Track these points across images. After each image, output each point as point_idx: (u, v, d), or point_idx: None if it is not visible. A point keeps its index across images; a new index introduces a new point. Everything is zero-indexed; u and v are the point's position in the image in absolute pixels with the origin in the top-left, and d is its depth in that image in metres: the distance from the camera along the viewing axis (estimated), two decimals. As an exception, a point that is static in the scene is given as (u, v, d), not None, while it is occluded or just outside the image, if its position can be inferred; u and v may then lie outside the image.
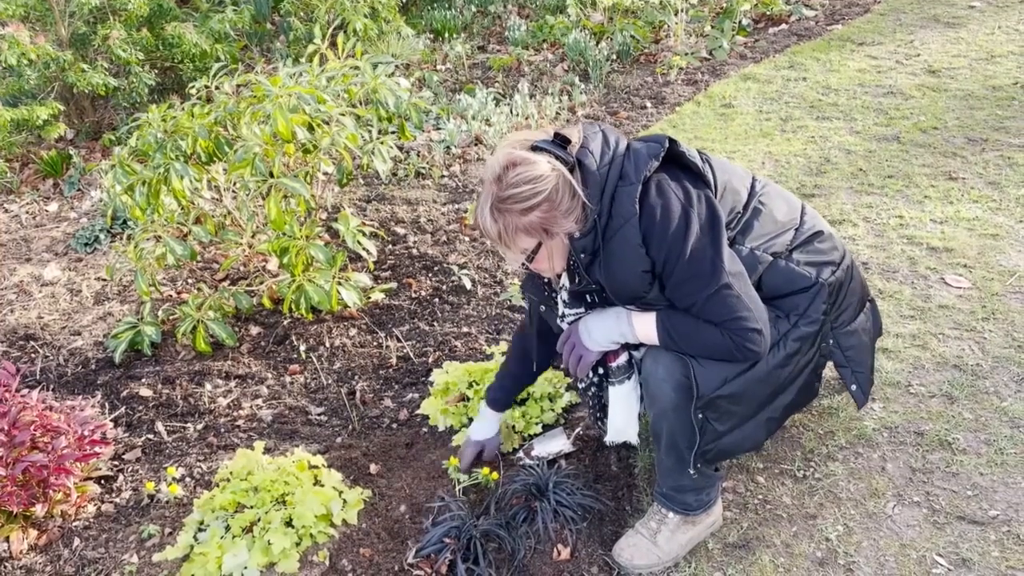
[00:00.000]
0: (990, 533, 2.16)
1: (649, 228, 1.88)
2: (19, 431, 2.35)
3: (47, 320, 3.57)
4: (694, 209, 1.90)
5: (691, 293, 1.90)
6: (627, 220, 1.88)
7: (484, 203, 1.89)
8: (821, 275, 2.08)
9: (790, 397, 2.12)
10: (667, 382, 1.98)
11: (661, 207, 1.88)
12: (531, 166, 1.85)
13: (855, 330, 2.21)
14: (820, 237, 2.14)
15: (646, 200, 1.89)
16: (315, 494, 2.29)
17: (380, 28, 5.95)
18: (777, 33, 6.43)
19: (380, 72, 3.34)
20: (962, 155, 4.21)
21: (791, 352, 2.04)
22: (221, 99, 3.18)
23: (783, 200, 2.16)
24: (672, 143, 1.95)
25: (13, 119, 4.69)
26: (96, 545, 2.37)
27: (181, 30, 5.18)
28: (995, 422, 2.51)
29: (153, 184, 3.04)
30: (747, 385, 1.99)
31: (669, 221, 1.87)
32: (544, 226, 1.88)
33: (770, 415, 2.11)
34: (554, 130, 1.94)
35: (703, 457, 2.07)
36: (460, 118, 5.20)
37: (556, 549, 2.21)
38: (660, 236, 1.88)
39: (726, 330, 1.90)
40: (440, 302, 3.46)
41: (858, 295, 2.23)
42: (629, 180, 1.89)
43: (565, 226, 1.89)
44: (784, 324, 2.04)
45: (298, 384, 3.05)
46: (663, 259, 1.89)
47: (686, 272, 1.88)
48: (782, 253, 2.08)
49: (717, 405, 1.99)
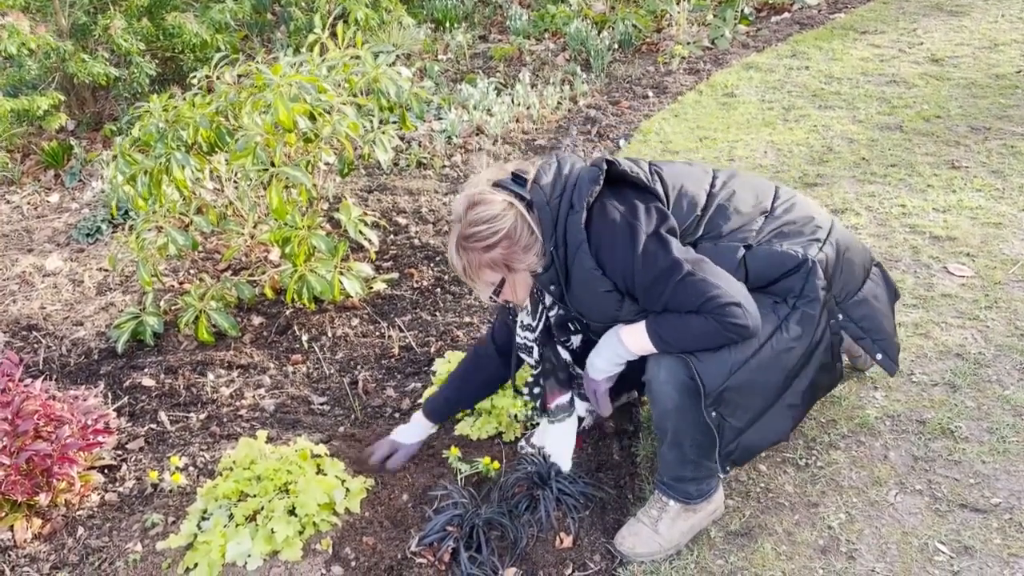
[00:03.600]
0: (992, 521, 2.16)
1: (599, 250, 1.97)
2: (22, 420, 2.35)
3: (50, 310, 3.58)
4: (639, 221, 1.96)
5: (659, 294, 1.95)
6: (578, 247, 1.98)
7: (451, 240, 2.04)
8: (809, 252, 2.06)
9: (807, 381, 2.10)
10: (669, 383, 2.00)
11: (606, 228, 1.97)
12: (489, 206, 1.97)
13: (864, 299, 2.20)
14: (797, 218, 2.14)
15: (591, 225, 1.98)
16: (318, 483, 2.30)
17: (381, 18, 5.92)
18: (780, 22, 6.41)
19: (381, 62, 3.33)
20: (965, 144, 4.19)
21: (795, 335, 2.03)
22: (222, 89, 3.17)
23: (751, 190, 2.17)
24: (610, 164, 2.03)
25: (14, 109, 4.69)
26: (100, 534, 2.38)
27: (182, 20, 5.16)
28: (997, 410, 2.51)
29: (155, 174, 3.04)
30: (754, 374, 1.99)
31: (614, 238, 1.96)
32: (506, 262, 2.00)
33: (790, 402, 2.09)
34: (513, 168, 2.05)
35: (729, 458, 2.07)
36: (461, 108, 5.19)
37: (558, 537, 2.22)
38: (609, 254, 1.97)
39: (706, 313, 1.93)
40: (442, 292, 3.46)
41: (859, 263, 2.22)
42: (575, 209, 1.98)
43: (526, 261, 2.01)
44: (783, 308, 2.04)
45: (300, 374, 3.06)
46: (621, 274, 1.98)
47: (645, 277, 1.95)
48: (758, 240, 2.08)
49: (727, 400, 1.98)
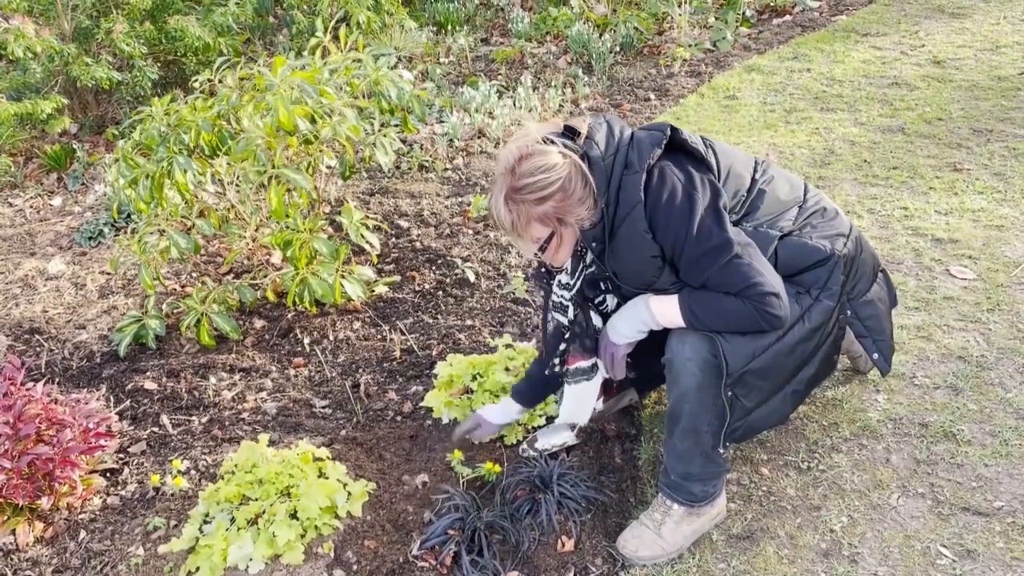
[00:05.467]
0: (995, 524, 2.16)
1: (654, 214, 1.93)
2: (24, 424, 2.35)
3: (52, 314, 3.58)
4: (697, 192, 1.94)
5: (704, 269, 1.94)
6: (633, 208, 1.94)
7: (498, 194, 1.95)
8: (835, 247, 2.11)
9: (812, 370, 2.15)
10: (692, 361, 2.01)
11: (665, 192, 1.93)
12: (544, 156, 1.91)
13: (871, 299, 2.25)
14: (826, 212, 2.19)
15: (650, 187, 1.94)
16: (320, 486, 2.30)
17: (383, 21, 5.93)
18: (781, 24, 6.40)
19: (382, 64, 3.33)
20: (967, 146, 4.19)
21: (815, 326, 2.06)
22: (224, 92, 3.17)
23: (786, 180, 2.20)
24: (674, 131, 2.00)
25: (17, 113, 4.70)
26: (102, 537, 2.38)
27: (184, 23, 5.17)
28: (1000, 413, 2.50)
29: (156, 178, 3.04)
30: (775, 359, 2.02)
31: (673, 205, 1.92)
32: (558, 215, 1.94)
33: (795, 388, 2.14)
34: (563, 122, 1.99)
35: (732, 436, 2.10)
36: (463, 111, 5.19)
37: (560, 541, 2.21)
38: (665, 220, 1.93)
39: (745, 298, 1.93)
40: (444, 295, 3.46)
41: (870, 265, 2.27)
42: (634, 169, 1.95)
43: (578, 214, 1.95)
44: (807, 299, 2.07)
45: (302, 377, 3.06)
46: (671, 242, 1.95)
47: (696, 250, 1.93)
48: (790, 229, 2.11)
49: (745, 381, 2.01)
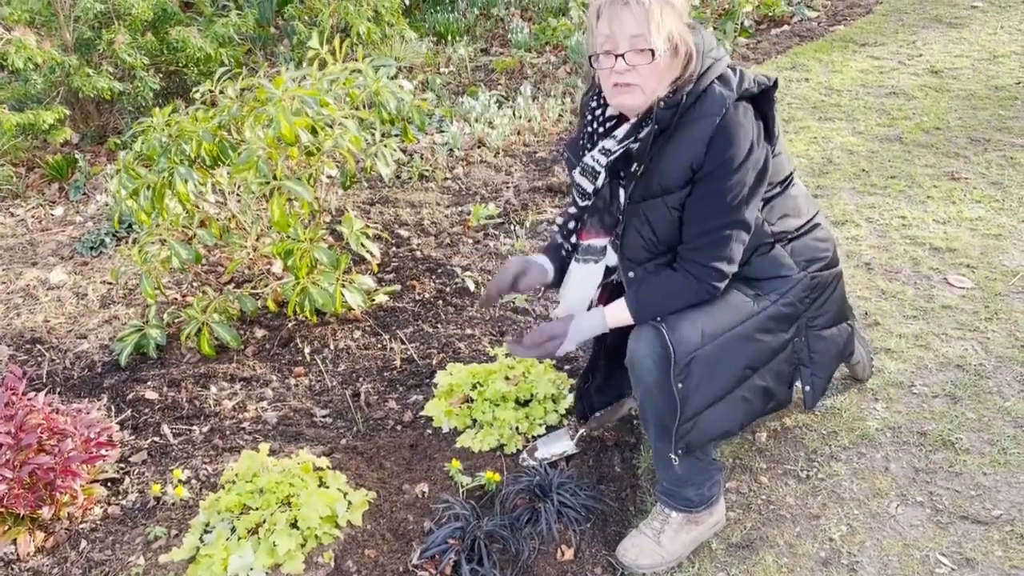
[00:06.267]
0: (993, 533, 2.16)
1: (719, 136, 1.91)
2: (26, 434, 2.36)
3: (53, 324, 3.59)
4: (759, 149, 1.95)
5: (708, 209, 1.95)
6: (707, 116, 1.91)
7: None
8: (808, 268, 2.13)
9: (764, 382, 2.12)
10: (648, 356, 2.01)
11: (739, 128, 1.92)
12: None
13: (827, 338, 2.23)
14: (822, 235, 2.20)
15: (729, 113, 1.92)
16: (320, 495, 2.30)
17: (383, 32, 5.97)
18: (779, 34, 6.44)
19: (382, 75, 3.35)
20: (965, 155, 4.21)
21: (768, 328, 2.08)
22: (225, 103, 3.19)
23: (804, 197, 2.23)
24: (774, 87, 1.99)
25: (19, 124, 4.72)
26: (103, 547, 2.38)
27: (186, 34, 5.20)
28: (998, 422, 2.51)
29: (158, 188, 3.06)
30: (721, 352, 2.02)
31: (737, 143, 1.91)
32: (683, 37, 1.91)
33: (745, 394, 2.10)
34: None
35: (684, 437, 2.06)
36: (463, 121, 5.21)
37: (560, 550, 2.22)
38: (723, 148, 1.91)
39: (697, 263, 1.97)
40: (444, 304, 3.48)
41: (838, 306, 2.25)
42: (729, 86, 1.94)
43: (688, 50, 1.92)
44: (764, 301, 2.08)
45: (303, 386, 3.07)
46: (713, 166, 1.93)
47: (718, 190, 1.93)
48: (785, 237, 2.12)
49: (692, 372, 1.99)
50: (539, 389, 2.73)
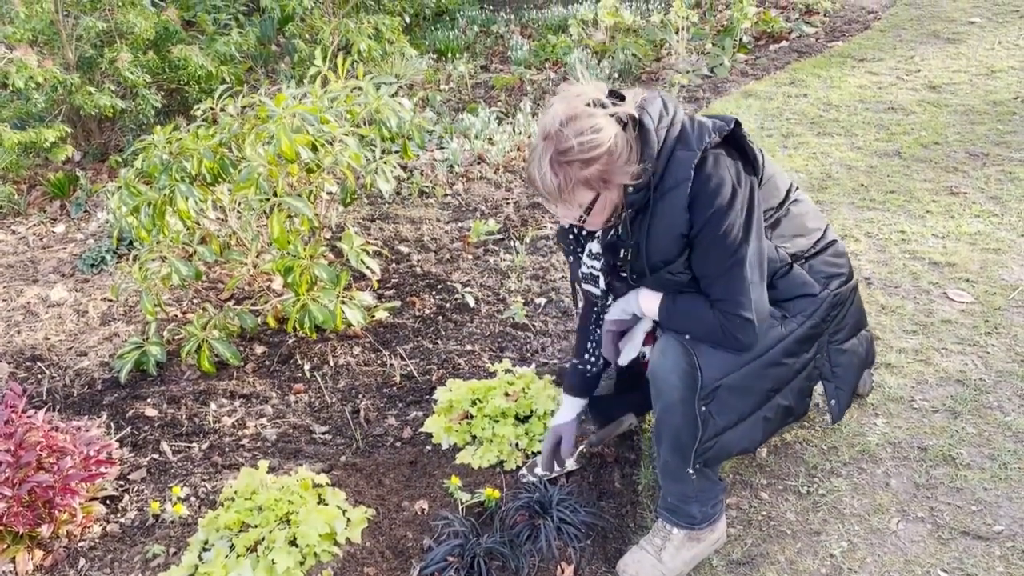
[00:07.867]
0: (995, 548, 2.15)
1: (698, 195, 1.93)
2: (25, 451, 2.36)
3: (53, 341, 3.60)
4: (742, 189, 1.96)
5: (710, 262, 1.98)
6: (679, 183, 1.93)
7: (542, 158, 1.90)
8: (829, 285, 2.16)
9: (786, 401, 2.16)
10: (673, 372, 2.03)
11: (714, 179, 1.93)
12: (591, 119, 1.88)
13: (847, 350, 2.27)
14: (837, 251, 2.24)
15: (702, 168, 1.94)
16: (319, 513, 2.30)
17: (384, 49, 6.00)
18: (778, 50, 6.47)
19: (383, 92, 3.37)
20: (963, 170, 4.22)
21: (793, 351, 2.10)
22: (226, 120, 3.21)
23: (813, 211, 2.25)
24: (738, 125, 2.00)
25: (21, 142, 4.74)
26: (102, 565, 2.37)
27: (187, 52, 5.23)
28: (999, 437, 2.51)
29: (158, 205, 3.07)
30: (748, 378, 2.05)
31: (718, 194, 1.92)
32: (604, 177, 1.91)
33: (766, 414, 2.14)
34: (608, 87, 1.99)
35: (703, 455, 2.09)
36: (463, 137, 5.24)
37: (560, 567, 2.21)
38: (706, 204, 1.93)
39: (721, 312, 1.98)
40: (443, 320, 3.48)
41: (856, 318, 2.29)
42: (689, 147, 1.94)
43: (623, 177, 1.93)
44: (791, 323, 2.11)
45: (302, 403, 3.06)
46: (701, 225, 1.94)
47: (714, 242, 1.95)
48: (801, 256, 2.15)
49: (719, 396, 2.03)
50: (539, 405, 2.73)
